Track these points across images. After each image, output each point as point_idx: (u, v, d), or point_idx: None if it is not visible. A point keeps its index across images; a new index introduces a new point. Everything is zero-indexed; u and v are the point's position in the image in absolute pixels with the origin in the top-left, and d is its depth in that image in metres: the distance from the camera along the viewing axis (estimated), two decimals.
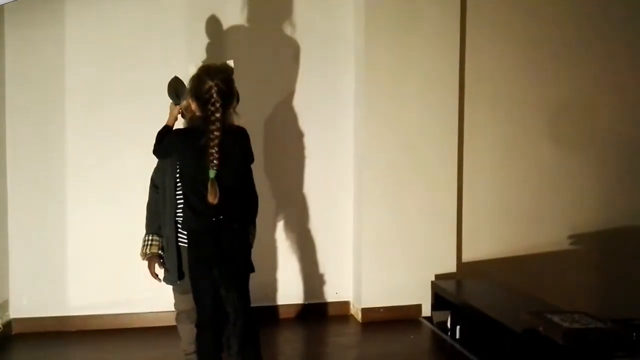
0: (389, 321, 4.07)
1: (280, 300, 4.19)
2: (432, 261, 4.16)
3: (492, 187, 4.43)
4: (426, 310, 4.15)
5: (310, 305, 4.23)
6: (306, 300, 4.23)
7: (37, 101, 3.85)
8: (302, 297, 4.22)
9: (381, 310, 4.11)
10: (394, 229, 4.11)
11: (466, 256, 4.36)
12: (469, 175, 4.36)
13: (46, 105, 3.87)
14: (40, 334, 3.80)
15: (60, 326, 3.87)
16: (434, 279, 4.14)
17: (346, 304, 4.30)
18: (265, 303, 4.06)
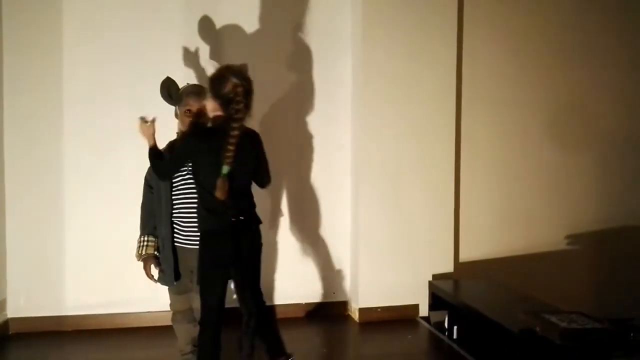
0: (387, 321, 4.07)
1: (277, 300, 4.18)
2: (429, 261, 4.16)
3: (489, 188, 4.44)
4: (423, 310, 4.16)
5: (307, 305, 4.23)
6: (304, 300, 4.22)
7: (35, 102, 3.84)
8: (300, 297, 4.22)
9: (378, 310, 4.11)
10: (391, 229, 4.11)
11: (463, 256, 4.37)
12: (466, 176, 4.37)
13: (44, 106, 3.86)
14: (38, 333, 3.79)
15: (57, 326, 3.87)
16: (431, 279, 4.14)
17: (344, 303, 4.31)
18: None
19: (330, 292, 4.28)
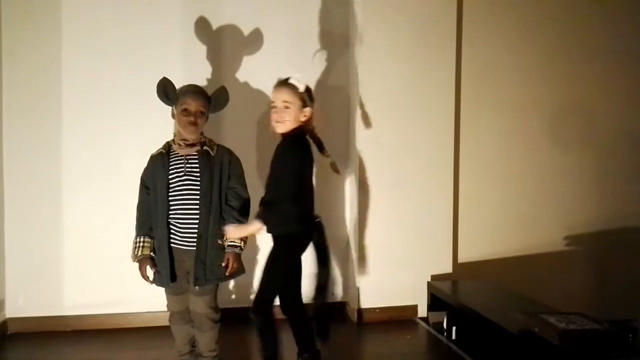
0: (385, 322, 4.06)
1: (277, 300, 4.16)
2: (428, 262, 4.16)
3: (488, 188, 4.43)
4: (422, 311, 4.15)
5: (307, 305, 4.22)
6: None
7: (34, 102, 3.84)
8: None
9: (377, 310, 4.10)
10: (390, 229, 4.10)
11: (462, 257, 4.37)
12: (465, 176, 4.37)
13: (43, 107, 3.85)
14: (36, 333, 3.79)
15: (56, 326, 3.86)
16: (430, 279, 4.14)
17: (342, 304, 4.30)
18: None
19: (329, 293, 4.26)
